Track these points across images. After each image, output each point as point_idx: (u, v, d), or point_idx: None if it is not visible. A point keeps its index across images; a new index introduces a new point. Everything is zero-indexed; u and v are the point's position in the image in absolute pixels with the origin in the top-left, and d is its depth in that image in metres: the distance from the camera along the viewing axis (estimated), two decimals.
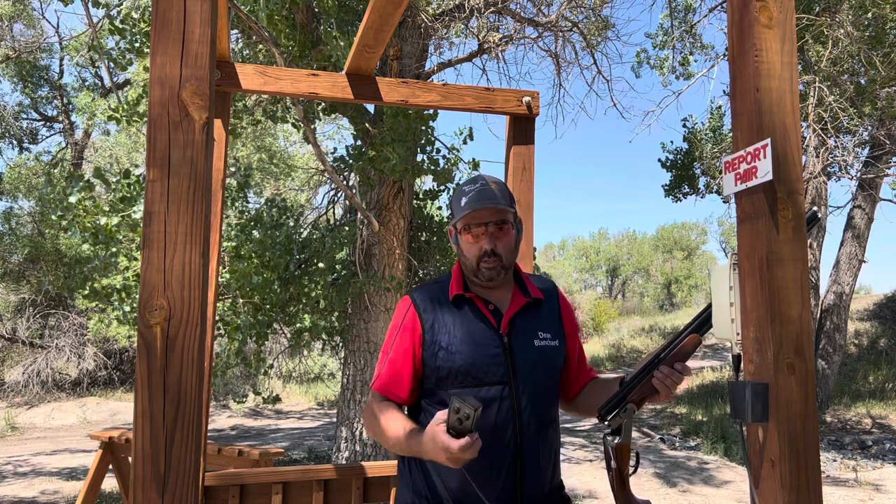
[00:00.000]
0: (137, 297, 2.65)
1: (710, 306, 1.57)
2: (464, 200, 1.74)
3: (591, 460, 8.56)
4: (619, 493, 1.64)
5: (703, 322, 1.57)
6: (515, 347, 1.71)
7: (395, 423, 1.66)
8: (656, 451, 9.31)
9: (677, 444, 9.91)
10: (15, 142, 17.26)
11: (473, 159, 6.78)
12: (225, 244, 6.20)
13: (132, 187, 5.82)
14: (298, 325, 6.66)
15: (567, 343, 1.83)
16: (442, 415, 1.47)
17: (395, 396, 1.74)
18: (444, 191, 7.64)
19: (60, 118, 17.47)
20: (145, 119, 5.68)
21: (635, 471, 1.65)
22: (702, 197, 12.58)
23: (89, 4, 5.82)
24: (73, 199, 5.68)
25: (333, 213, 8.49)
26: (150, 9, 2.18)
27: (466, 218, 1.73)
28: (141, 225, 5.51)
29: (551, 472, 1.76)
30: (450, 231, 1.85)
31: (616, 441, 1.62)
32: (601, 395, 1.70)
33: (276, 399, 7.52)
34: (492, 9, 7.13)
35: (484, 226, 1.72)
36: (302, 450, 9.14)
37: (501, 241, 1.74)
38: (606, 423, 1.62)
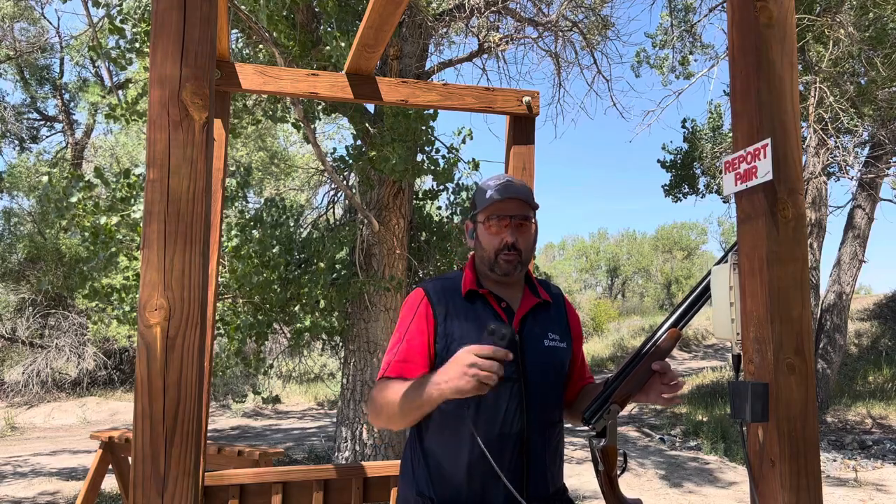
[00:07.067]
0: (137, 297, 2.65)
1: (685, 299, 1.57)
2: (489, 193, 1.73)
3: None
4: (608, 495, 1.64)
5: (681, 316, 1.57)
6: (526, 346, 1.71)
7: (408, 384, 1.59)
8: (657, 451, 9.30)
9: (678, 445, 9.91)
10: (16, 141, 17.26)
11: (473, 159, 6.79)
12: (225, 244, 6.20)
13: (132, 187, 5.82)
14: (298, 325, 6.66)
15: (573, 347, 1.84)
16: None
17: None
18: (443, 191, 7.64)
19: (61, 118, 17.47)
20: (144, 118, 5.68)
21: (623, 471, 1.65)
22: (702, 197, 12.61)
23: (89, 4, 5.82)
24: (73, 200, 5.69)
25: (333, 213, 8.48)
26: (150, 8, 2.17)
27: (491, 209, 1.72)
28: (141, 225, 5.51)
29: (556, 474, 1.76)
30: (467, 225, 1.83)
31: (602, 443, 1.62)
32: (590, 398, 1.69)
33: (276, 399, 7.52)
34: (492, 9, 7.13)
35: (508, 218, 1.71)
36: (302, 450, 9.13)
37: (523, 236, 1.73)
38: (591, 426, 1.62)
